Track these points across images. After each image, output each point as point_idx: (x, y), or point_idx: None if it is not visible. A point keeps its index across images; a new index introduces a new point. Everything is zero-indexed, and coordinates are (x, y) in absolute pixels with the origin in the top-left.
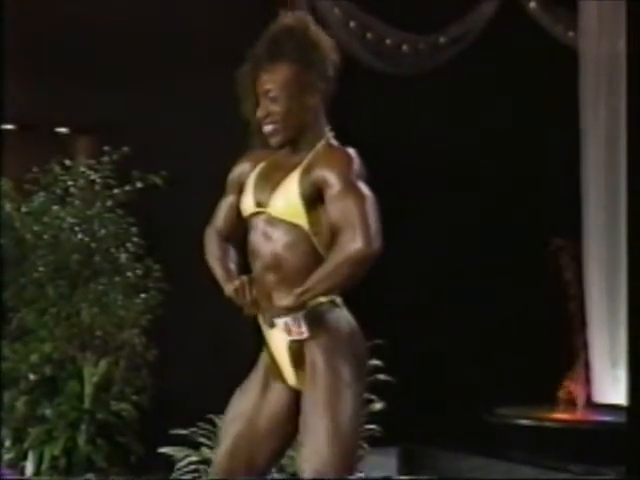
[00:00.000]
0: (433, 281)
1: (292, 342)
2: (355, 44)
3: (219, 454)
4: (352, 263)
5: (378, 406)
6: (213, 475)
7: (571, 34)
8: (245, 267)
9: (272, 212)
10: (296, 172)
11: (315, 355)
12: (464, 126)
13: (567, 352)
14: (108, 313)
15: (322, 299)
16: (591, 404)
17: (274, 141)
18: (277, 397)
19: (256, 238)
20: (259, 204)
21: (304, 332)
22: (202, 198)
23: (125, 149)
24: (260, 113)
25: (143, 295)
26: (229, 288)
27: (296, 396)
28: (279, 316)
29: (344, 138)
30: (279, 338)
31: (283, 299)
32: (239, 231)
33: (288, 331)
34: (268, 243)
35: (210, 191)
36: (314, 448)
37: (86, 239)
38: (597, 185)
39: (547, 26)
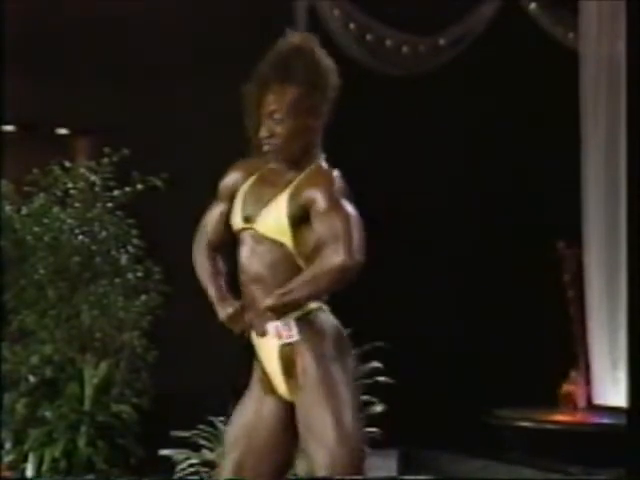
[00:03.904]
0: (434, 283)
1: (283, 347)
2: (355, 46)
3: (224, 476)
4: (333, 274)
5: (378, 408)
6: None
7: (571, 35)
8: (233, 277)
9: (259, 229)
10: (286, 192)
11: (305, 360)
12: (464, 126)
13: (567, 354)
14: (108, 315)
15: (312, 305)
16: (591, 406)
17: (274, 161)
18: (272, 410)
19: (243, 253)
20: (247, 219)
21: (294, 335)
22: (202, 199)
23: (125, 151)
24: (263, 133)
25: (143, 297)
26: (223, 314)
27: (290, 407)
28: (269, 321)
29: (345, 139)
30: (270, 346)
31: (266, 299)
32: (228, 239)
33: (279, 335)
34: (254, 259)
35: (210, 192)
36: (324, 450)
37: (86, 241)
38: (597, 187)
39: (547, 27)
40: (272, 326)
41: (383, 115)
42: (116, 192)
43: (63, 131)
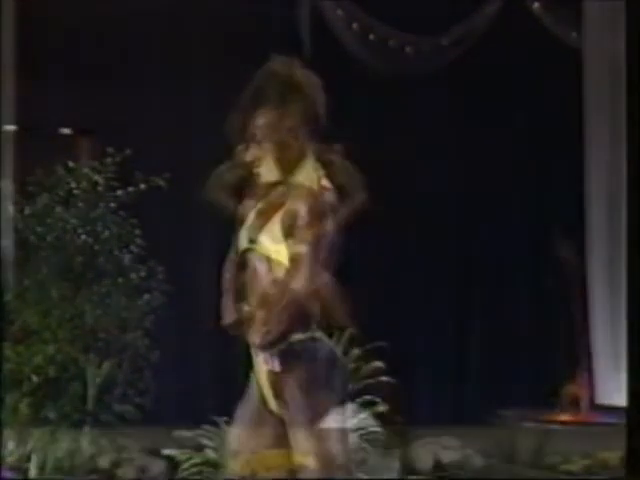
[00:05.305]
0: (435, 284)
1: (270, 372)
2: (358, 45)
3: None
4: (289, 301)
5: (380, 408)
6: None
7: (574, 35)
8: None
9: (259, 249)
10: (281, 211)
11: (293, 388)
12: (465, 126)
13: (571, 354)
14: (111, 315)
15: (301, 336)
16: (594, 406)
17: (262, 183)
18: (268, 424)
19: (247, 272)
20: (251, 241)
21: (276, 367)
22: (204, 199)
23: (128, 151)
24: (248, 157)
25: (146, 296)
26: (228, 318)
27: (283, 421)
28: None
29: (346, 138)
30: (260, 365)
31: (255, 337)
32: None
33: (265, 362)
34: (257, 279)
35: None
36: (311, 473)
37: (89, 241)
38: (600, 187)
39: (550, 27)
40: (260, 352)
41: (385, 114)
42: (119, 192)
43: (66, 131)
